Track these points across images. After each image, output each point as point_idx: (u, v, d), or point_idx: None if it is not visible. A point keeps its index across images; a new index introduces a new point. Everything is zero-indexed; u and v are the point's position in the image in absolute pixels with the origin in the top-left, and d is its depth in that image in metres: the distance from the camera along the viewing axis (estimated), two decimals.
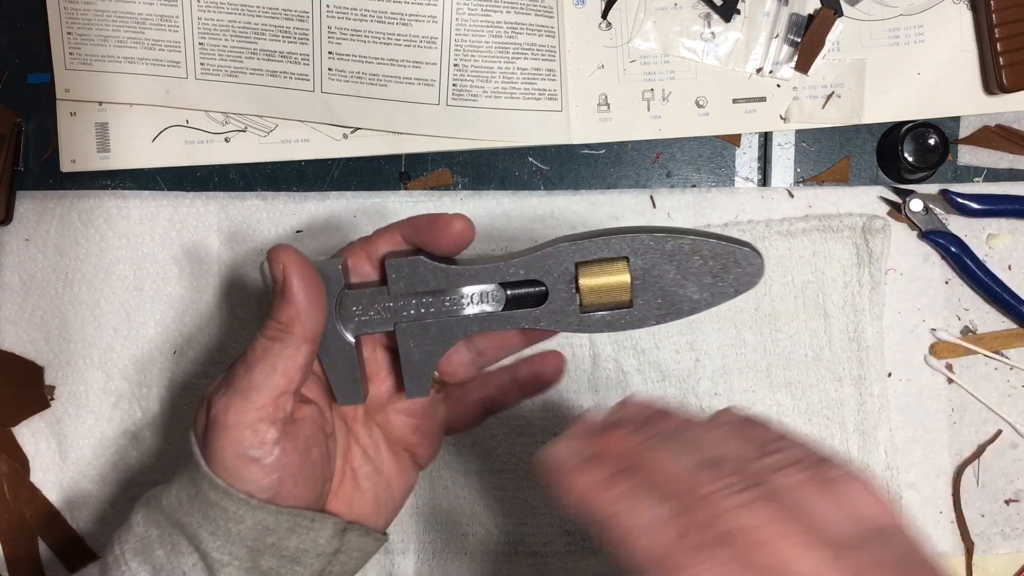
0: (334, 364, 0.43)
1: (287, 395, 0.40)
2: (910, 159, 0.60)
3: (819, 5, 0.61)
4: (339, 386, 0.44)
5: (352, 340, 0.43)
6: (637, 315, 0.42)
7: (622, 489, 0.31)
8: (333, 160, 0.63)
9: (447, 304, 0.42)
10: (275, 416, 0.40)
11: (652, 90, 0.62)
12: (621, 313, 0.42)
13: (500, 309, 0.42)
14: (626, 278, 0.41)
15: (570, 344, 0.61)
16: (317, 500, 0.43)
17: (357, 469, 0.45)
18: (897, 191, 0.62)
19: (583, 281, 0.41)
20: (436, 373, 0.44)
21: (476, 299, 0.42)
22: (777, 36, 0.62)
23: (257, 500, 0.39)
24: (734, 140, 0.63)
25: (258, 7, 0.62)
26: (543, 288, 0.41)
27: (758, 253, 0.41)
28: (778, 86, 0.62)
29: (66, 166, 0.64)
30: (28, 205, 0.64)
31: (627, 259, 0.40)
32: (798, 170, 0.63)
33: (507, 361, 0.47)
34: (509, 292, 0.42)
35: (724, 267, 0.40)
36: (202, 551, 0.40)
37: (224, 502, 0.39)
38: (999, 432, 0.62)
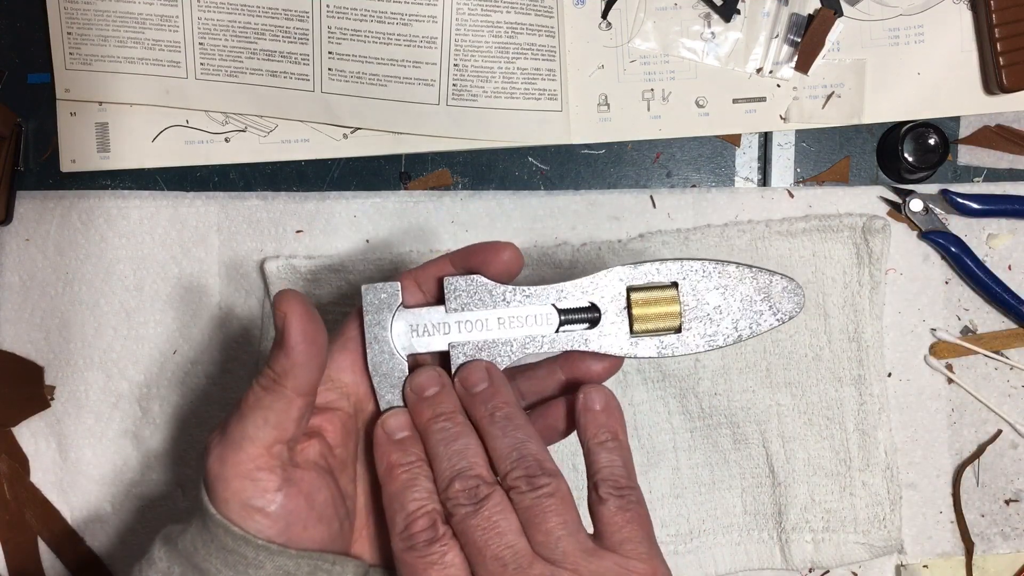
0: (386, 385, 0.43)
1: (281, 445, 0.40)
2: (910, 159, 0.60)
3: (819, 5, 0.61)
4: (391, 407, 0.43)
5: (405, 361, 0.43)
6: (685, 341, 0.43)
7: (402, 480, 0.40)
8: (333, 160, 0.63)
9: (501, 324, 0.43)
10: (271, 464, 0.39)
11: (652, 90, 0.62)
12: (670, 339, 0.43)
13: (553, 331, 0.43)
14: (676, 305, 0.42)
15: None
16: (337, 539, 0.42)
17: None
18: (897, 191, 0.62)
19: (636, 307, 0.42)
20: None
21: (530, 320, 0.43)
22: (777, 36, 0.62)
23: (276, 545, 0.39)
24: (734, 140, 0.63)
25: (258, 7, 0.62)
26: (595, 312, 0.43)
27: (799, 285, 0.43)
28: (778, 86, 0.62)
29: (66, 166, 0.64)
30: (28, 205, 0.64)
31: (676, 286, 0.42)
32: (798, 170, 0.63)
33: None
34: (562, 315, 0.43)
35: (767, 297, 0.42)
36: None
37: (242, 548, 0.39)
38: (999, 432, 0.62)
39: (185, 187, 0.64)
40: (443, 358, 0.44)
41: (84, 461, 0.63)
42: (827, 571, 0.62)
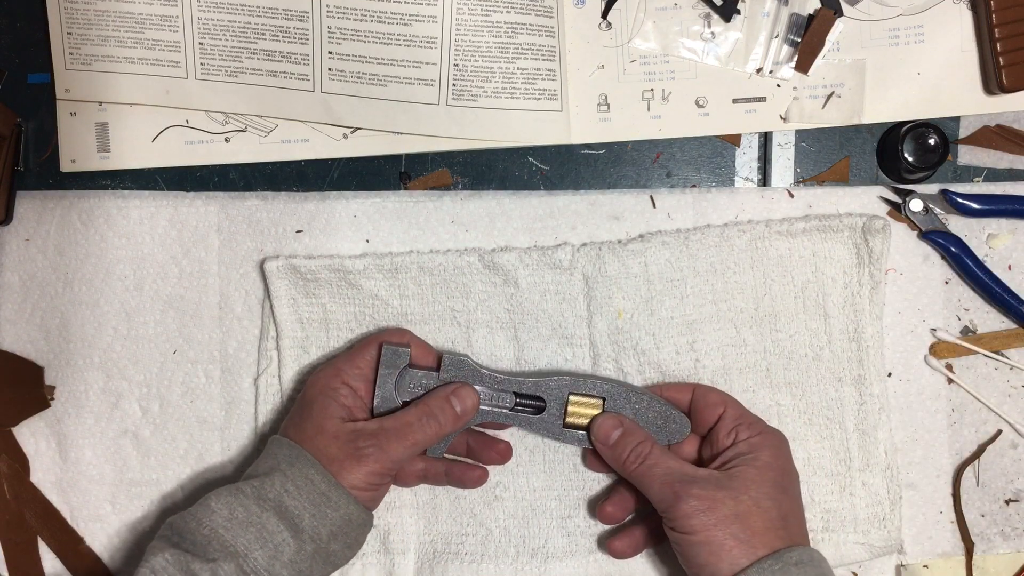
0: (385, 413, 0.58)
1: (414, 455, 0.57)
2: (910, 159, 0.60)
3: (819, 5, 0.61)
4: None
5: (401, 404, 0.57)
6: None
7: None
8: (333, 160, 0.63)
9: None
10: (411, 457, 0.57)
11: (652, 90, 0.62)
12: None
13: (508, 410, 0.58)
14: (599, 412, 0.58)
15: (571, 344, 0.61)
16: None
17: None
18: (897, 191, 0.62)
19: (571, 408, 0.58)
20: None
21: (495, 399, 0.58)
22: (777, 36, 0.62)
23: (354, 497, 0.53)
24: (734, 140, 0.63)
25: (258, 7, 0.62)
26: (542, 404, 0.58)
27: (688, 420, 0.58)
28: (778, 86, 0.62)
29: (66, 166, 0.64)
30: (28, 205, 0.64)
31: (604, 399, 0.58)
32: (798, 170, 0.63)
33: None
34: (518, 400, 0.58)
35: (664, 422, 0.58)
36: (296, 527, 0.51)
37: (331, 492, 0.53)
38: (999, 432, 0.62)
39: (185, 187, 0.64)
40: None
41: (84, 461, 0.64)
42: None
